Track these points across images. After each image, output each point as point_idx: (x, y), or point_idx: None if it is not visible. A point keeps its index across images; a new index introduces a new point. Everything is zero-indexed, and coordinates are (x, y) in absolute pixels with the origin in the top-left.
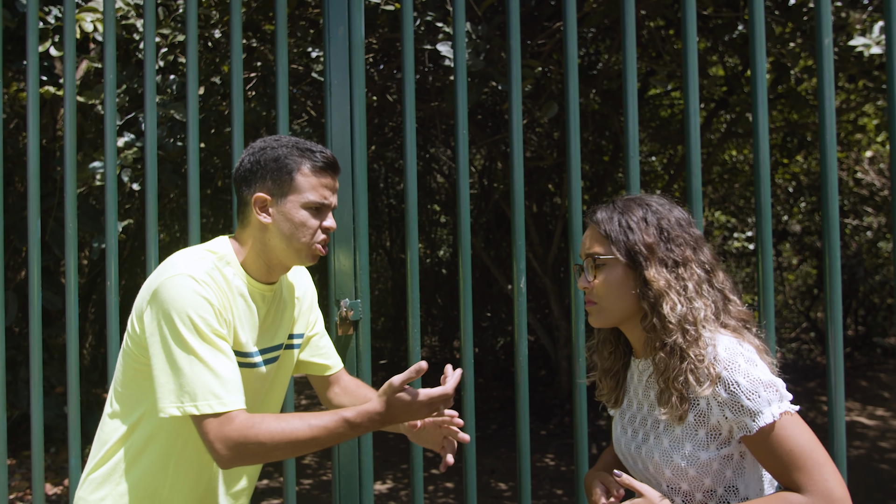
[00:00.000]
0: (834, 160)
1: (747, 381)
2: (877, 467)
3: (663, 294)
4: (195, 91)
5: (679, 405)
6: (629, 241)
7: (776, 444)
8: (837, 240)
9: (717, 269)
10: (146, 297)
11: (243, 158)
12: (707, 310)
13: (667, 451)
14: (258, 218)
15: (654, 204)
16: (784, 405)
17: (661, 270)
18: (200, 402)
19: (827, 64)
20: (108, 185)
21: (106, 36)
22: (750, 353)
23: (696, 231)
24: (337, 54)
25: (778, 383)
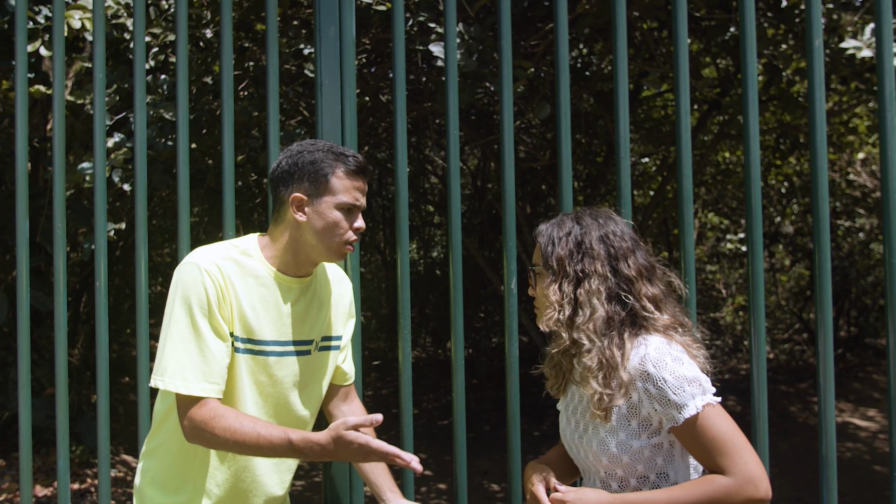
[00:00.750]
0: (824, 161)
1: (673, 377)
2: (869, 468)
3: (551, 305)
4: (185, 90)
5: (597, 406)
6: (548, 254)
7: (700, 433)
8: (828, 241)
9: (641, 280)
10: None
11: (280, 160)
12: (587, 320)
13: (603, 440)
14: (294, 216)
15: (586, 219)
16: (707, 398)
17: (563, 284)
18: (167, 379)
19: (818, 65)
20: (97, 184)
21: (95, 34)
22: (678, 352)
23: (625, 244)
24: (328, 54)
25: (702, 378)
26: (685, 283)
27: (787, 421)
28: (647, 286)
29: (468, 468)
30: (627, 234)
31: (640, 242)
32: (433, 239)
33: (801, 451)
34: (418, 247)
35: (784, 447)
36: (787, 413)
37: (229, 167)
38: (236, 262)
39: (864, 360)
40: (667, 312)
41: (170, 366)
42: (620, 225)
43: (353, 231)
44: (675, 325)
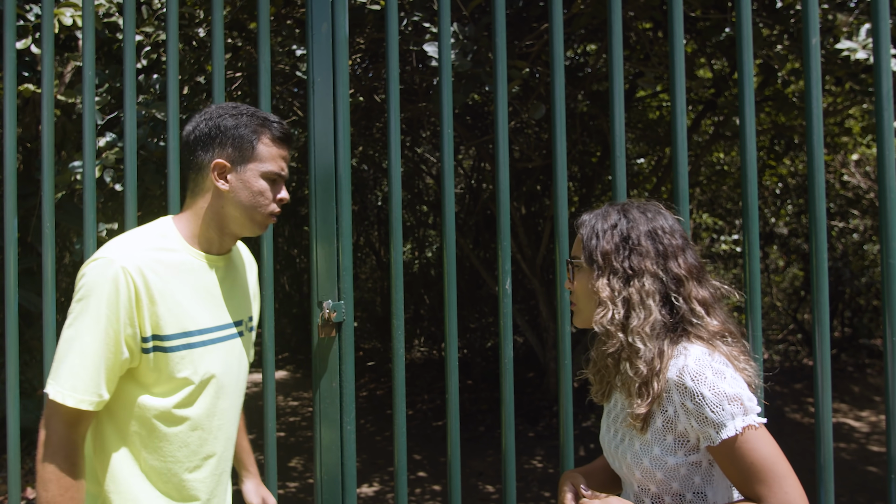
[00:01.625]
0: (821, 159)
1: (712, 393)
2: (864, 469)
3: (603, 303)
4: (175, 89)
5: (638, 416)
6: (592, 247)
7: (738, 457)
8: (825, 241)
9: (692, 281)
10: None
11: (198, 123)
12: (643, 322)
13: (637, 453)
14: (215, 184)
15: (633, 212)
16: (748, 419)
17: (611, 280)
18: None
19: (814, 63)
20: (86, 184)
21: (85, 31)
22: (720, 364)
23: (675, 241)
24: (320, 52)
25: (744, 396)
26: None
27: (781, 422)
28: (697, 288)
29: (463, 469)
30: (678, 231)
31: (689, 240)
32: (428, 239)
33: (795, 452)
34: (413, 247)
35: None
36: (781, 414)
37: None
38: (159, 252)
39: (858, 360)
40: (716, 318)
41: (63, 373)
42: (670, 220)
43: (277, 202)
44: (724, 333)
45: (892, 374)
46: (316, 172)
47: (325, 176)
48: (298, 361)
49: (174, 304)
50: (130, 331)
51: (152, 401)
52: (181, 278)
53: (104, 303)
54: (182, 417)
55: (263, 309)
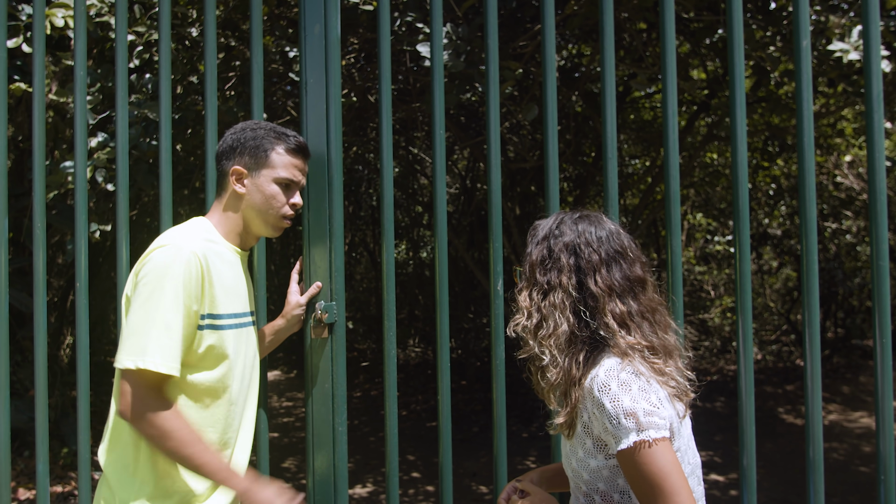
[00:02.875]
0: (811, 161)
1: (611, 405)
2: (856, 470)
3: (521, 311)
4: (168, 88)
5: (562, 424)
6: (525, 258)
7: (632, 469)
8: (815, 243)
9: (609, 296)
10: (136, 270)
11: (226, 137)
12: (550, 333)
13: (567, 454)
14: (233, 187)
15: (565, 224)
16: (643, 434)
17: (532, 292)
18: (147, 358)
19: (805, 66)
20: (77, 184)
21: (76, 31)
22: (629, 375)
23: (597, 256)
24: (312, 52)
25: (640, 411)
26: (670, 289)
27: (774, 422)
28: (616, 303)
29: (456, 470)
30: (606, 244)
31: (624, 253)
32: (422, 240)
33: (787, 452)
34: (407, 248)
35: (771, 448)
36: (774, 414)
37: (213, 166)
38: (208, 243)
39: (851, 361)
40: (636, 333)
41: (150, 345)
42: (601, 232)
43: (290, 206)
44: (642, 347)
45: (883, 375)
46: (308, 174)
47: (318, 177)
48: (292, 362)
49: (224, 287)
50: (196, 307)
51: (199, 376)
52: (225, 267)
53: (181, 283)
54: (219, 392)
55: (257, 310)
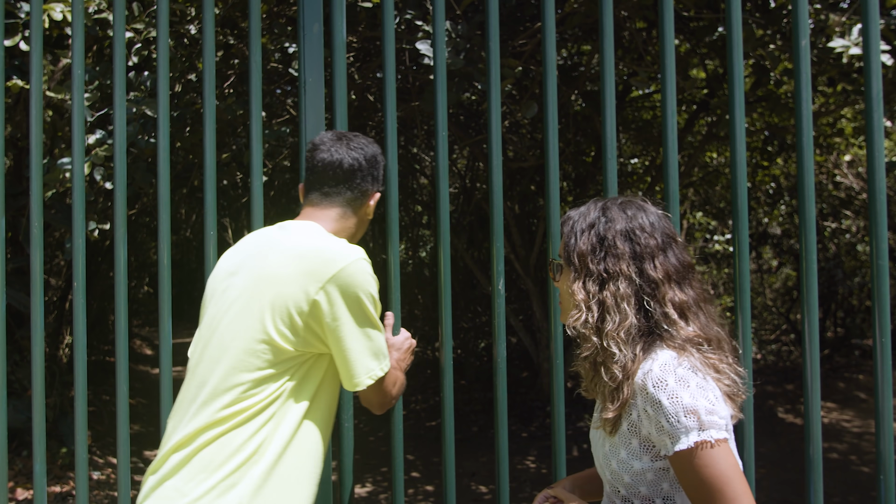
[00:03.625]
0: (811, 162)
1: (669, 402)
2: (856, 469)
3: (578, 306)
4: (166, 86)
5: (608, 420)
6: (570, 248)
7: (690, 472)
8: (814, 242)
9: (668, 283)
10: (317, 283)
11: (366, 152)
12: (618, 326)
13: (607, 454)
14: (367, 210)
15: (613, 209)
16: (704, 434)
17: (587, 282)
18: (383, 365)
19: (804, 66)
20: (75, 182)
21: (74, 28)
22: (686, 371)
23: (654, 240)
24: (311, 52)
25: (701, 409)
26: None
27: (773, 422)
28: (675, 291)
29: (456, 470)
30: (659, 229)
31: (674, 238)
32: (422, 239)
33: (787, 452)
34: (406, 247)
35: (771, 448)
36: (773, 414)
37: (211, 164)
38: None
39: (850, 360)
40: (694, 323)
41: (383, 348)
42: (651, 217)
43: None
44: (699, 340)
45: (882, 374)
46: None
47: None
48: None
49: None
50: None
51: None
52: None
53: (376, 294)
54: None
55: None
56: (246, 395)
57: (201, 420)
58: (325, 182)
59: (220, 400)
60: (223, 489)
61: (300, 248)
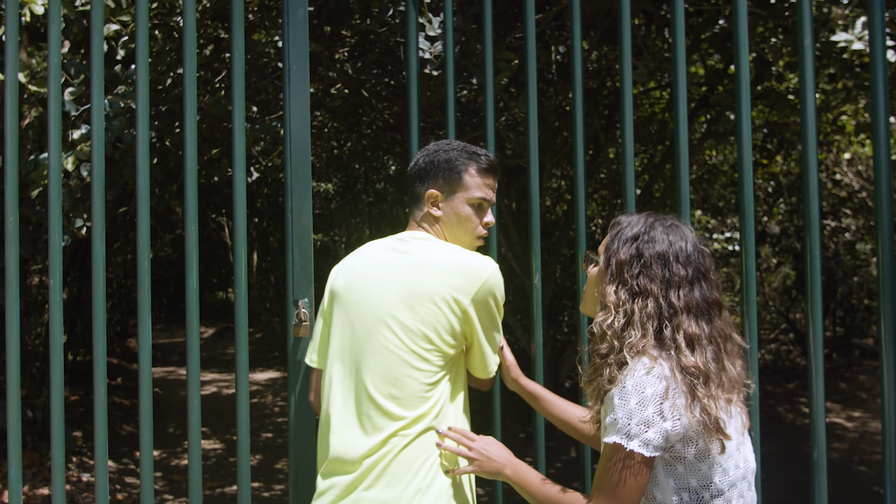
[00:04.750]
0: (814, 157)
1: (619, 401)
2: (856, 469)
3: (607, 308)
4: (145, 80)
5: (593, 418)
6: (610, 253)
7: (602, 462)
8: (818, 240)
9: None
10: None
11: (418, 158)
12: (639, 340)
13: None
14: (430, 211)
15: (657, 230)
16: (625, 440)
17: (619, 290)
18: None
19: (808, 65)
20: (51, 177)
21: (50, 16)
22: (648, 378)
23: (685, 272)
24: (296, 38)
25: (634, 419)
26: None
27: (773, 422)
28: (690, 322)
29: None
30: (693, 264)
31: (706, 275)
32: None
33: (787, 452)
34: None
35: (771, 448)
36: (774, 414)
37: (192, 156)
38: None
39: (850, 360)
40: (699, 356)
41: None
42: (689, 247)
43: (483, 226)
44: (696, 371)
45: (890, 375)
46: (292, 166)
47: (302, 170)
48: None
49: None
50: None
51: None
52: None
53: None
54: None
55: (237, 307)
56: (423, 398)
57: (386, 426)
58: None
59: (397, 407)
60: (422, 491)
61: (445, 263)
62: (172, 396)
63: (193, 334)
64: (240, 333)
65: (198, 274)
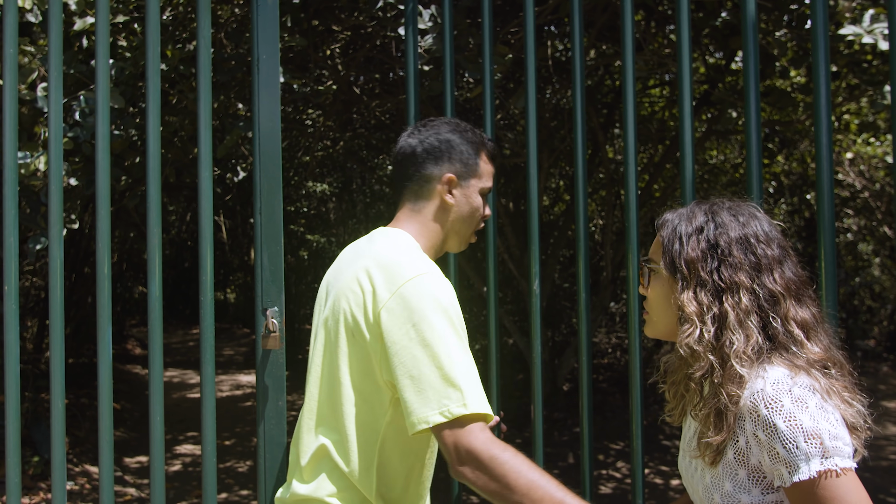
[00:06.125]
0: (830, 159)
1: (787, 426)
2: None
3: (689, 320)
4: (105, 74)
5: (710, 447)
6: (674, 253)
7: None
8: (833, 244)
9: (790, 299)
10: (382, 301)
11: (426, 136)
12: (746, 345)
13: (708, 486)
14: (444, 198)
15: (723, 214)
16: (828, 462)
17: (699, 293)
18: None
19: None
20: (6, 177)
21: (6, 5)
22: (804, 391)
23: (772, 251)
24: (265, 25)
25: (824, 433)
26: None
27: None
28: (795, 307)
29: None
30: (775, 240)
31: (789, 250)
32: None
33: None
34: None
35: None
36: None
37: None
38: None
39: (853, 362)
40: (818, 344)
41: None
42: (765, 226)
43: (483, 219)
44: (826, 362)
45: None
46: (261, 164)
47: (271, 168)
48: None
49: None
50: None
51: None
52: None
53: (456, 314)
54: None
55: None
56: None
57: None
58: (394, 177)
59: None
60: None
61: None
62: (165, 399)
63: (156, 346)
64: (205, 345)
65: (161, 281)
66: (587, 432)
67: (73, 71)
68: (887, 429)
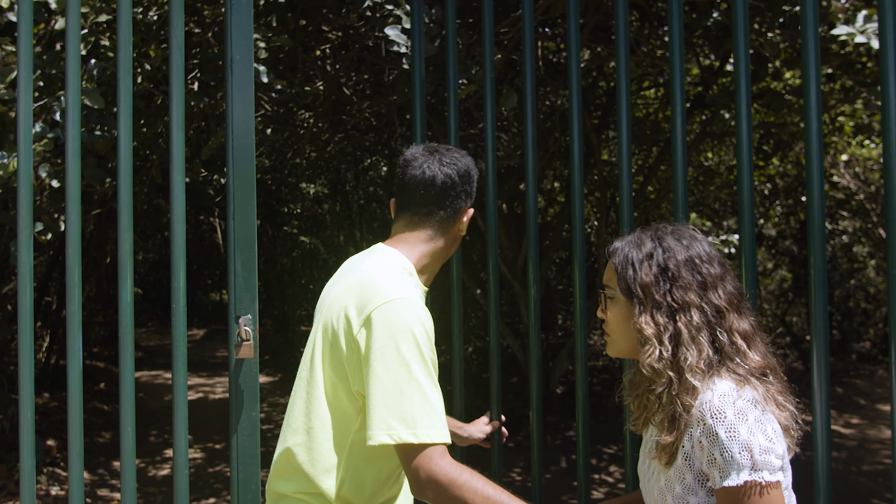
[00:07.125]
0: (821, 163)
1: (726, 435)
2: (855, 480)
3: (649, 341)
4: (76, 73)
5: (664, 450)
6: (629, 279)
7: None
8: (824, 247)
9: (732, 312)
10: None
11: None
12: (699, 359)
13: (662, 489)
14: (460, 230)
15: (668, 239)
16: (756, 474)
17: (655, 315)
18: (420, 430)
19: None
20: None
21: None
22: (745, 403)
23: (714, 269)
24: (239, 24)
25: (756, 447)
26: None
27: None
28: (737, 320)
29: None
30: (715, 258)
31: (727, 266)
32: None
33: None
34: None
35: None
36: None
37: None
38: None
39: (847, 365)
40: (757, 352)
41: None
42: (705, 246)
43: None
44: (764, 370)
45: None
46: (234, 166)
47: (245, 171)
48: (278, 364)
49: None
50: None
51: None
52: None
53: (426, 342)
54: None
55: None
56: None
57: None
58: (416, 201)
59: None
60: None
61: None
62: (156, 402)
63: (127, 355)
64: (177, 353)
65: (132, 288)
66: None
67: (54, 71)
68: (882, 432)
